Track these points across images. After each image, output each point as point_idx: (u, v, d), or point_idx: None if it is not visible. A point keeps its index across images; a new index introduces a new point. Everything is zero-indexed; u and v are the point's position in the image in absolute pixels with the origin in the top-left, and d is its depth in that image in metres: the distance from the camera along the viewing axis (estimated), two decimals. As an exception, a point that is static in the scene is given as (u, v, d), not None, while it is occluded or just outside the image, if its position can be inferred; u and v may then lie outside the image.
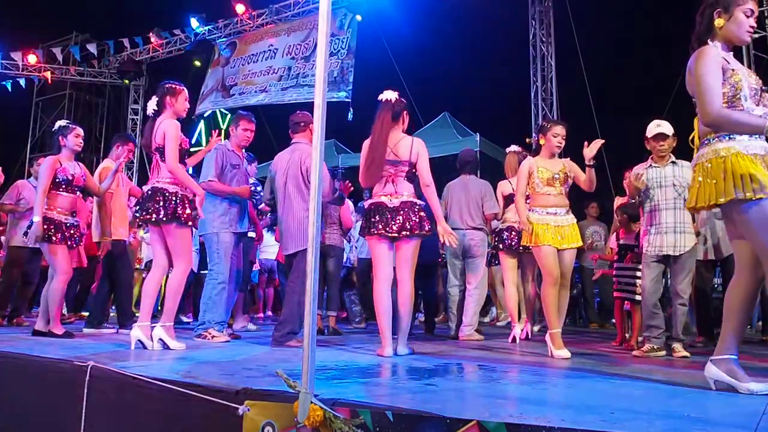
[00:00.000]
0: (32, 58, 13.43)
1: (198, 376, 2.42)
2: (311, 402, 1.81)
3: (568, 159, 4.05)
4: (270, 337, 4.22)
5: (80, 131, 4.53)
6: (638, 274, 4.46)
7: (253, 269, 7.62)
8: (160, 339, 3.64)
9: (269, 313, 8.90)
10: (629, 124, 3.96)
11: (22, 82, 13.21)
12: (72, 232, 4.41)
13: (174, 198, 3.69)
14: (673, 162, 4.10)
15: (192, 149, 4.78)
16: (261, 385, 2.13)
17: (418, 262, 3.84)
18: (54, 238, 4.28)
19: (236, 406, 1.98)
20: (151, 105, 3.84)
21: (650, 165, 4.16)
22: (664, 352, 3.92)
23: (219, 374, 2.63)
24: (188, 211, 3.71)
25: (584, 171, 3.94)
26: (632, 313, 4.69)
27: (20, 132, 15.55)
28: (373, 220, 3.68)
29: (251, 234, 5.67)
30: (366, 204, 3.87)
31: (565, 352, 3.67)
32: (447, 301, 5.55)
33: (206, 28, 12.96)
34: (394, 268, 3.78)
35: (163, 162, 3.72)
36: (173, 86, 3.87)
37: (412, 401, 1.96)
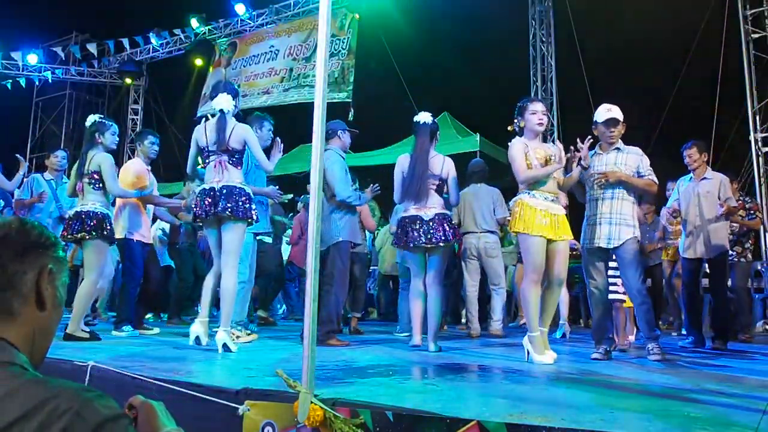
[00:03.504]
0: (32, 58, 13.42)
1: (198, 376, 2.42)
2: (311, 402, 1.81)
3: (558, 142, 3.74)
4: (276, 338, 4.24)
5: (115, 129, 4.43)
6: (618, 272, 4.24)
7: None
8: (224, 344, 3.53)
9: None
10: (629, 123, 3.85)
11: (22, 82, 13.21)
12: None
13: (243, 198, 3.69)
14: (617, 148, 3.78)
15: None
16: (261, 385, 2.13)
17: None
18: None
19: (236, 406, 1.98)
20: (227, 103, 3.77)
21: (595, 152, 3.86)
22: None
23: (219, 374, 2.63)
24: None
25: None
26: (618, 313, 4.50)
27: (20, 132, 15.56)
28: (408, 231, 4.05)
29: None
30: (401, 215, 4.19)
31: (546, 358, 3.31)
32: (465, 302, 5.86)
33: (206, 28, 12.95)
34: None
35: (231, 164, 3.72)
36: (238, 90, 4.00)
37: (412, 401, 1.96)
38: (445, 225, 4.04)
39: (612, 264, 4.34)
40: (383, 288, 8.40)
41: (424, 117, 4.25)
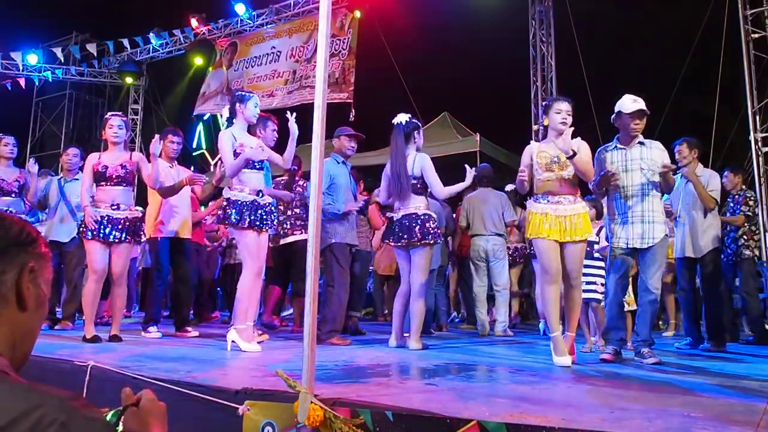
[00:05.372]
0: (32, 58, 13.41)
1: (198, 376, 2.42)
2: (311, 402, 1.81)
3: (578, 138, 3.56)
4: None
5: (113, 121, 4.32)
6: (602, 272, 4.20)
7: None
8: (233, 341, 3.69)
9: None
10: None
11: (22, 82, 13.20)
12: (109, 225, 4.10)
13: (227, 205, 3.82)
14: (640, 143, 3.66)
15: (194, 153, 4.95)
16: (261, 385, 2.14)
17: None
18: (86, 234, 4.08)
19: (236, 406, 1.98)
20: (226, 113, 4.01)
21: (615, 146, 3.72)
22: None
23: (219, 374, 2.63)
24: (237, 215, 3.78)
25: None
26: (596, 313, 4.46)
27: (20, 132, 15.49)
28: (387, 231, 4.24)
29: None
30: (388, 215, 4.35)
31: (565, 359, 3.26)
32: (474, 302, 5.95)
33: (206, 28, 12.94)
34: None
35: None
36: (243, 93, 4.06)
37: (412, 401, 1.96)
38: (414, 226, 4.05)
39: (589, 262, 4.19)
40: (379, 288, 8.41)
41: (398, 118, 4.31)
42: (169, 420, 1.16)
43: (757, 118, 8.35)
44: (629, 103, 3.65)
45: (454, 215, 6.29)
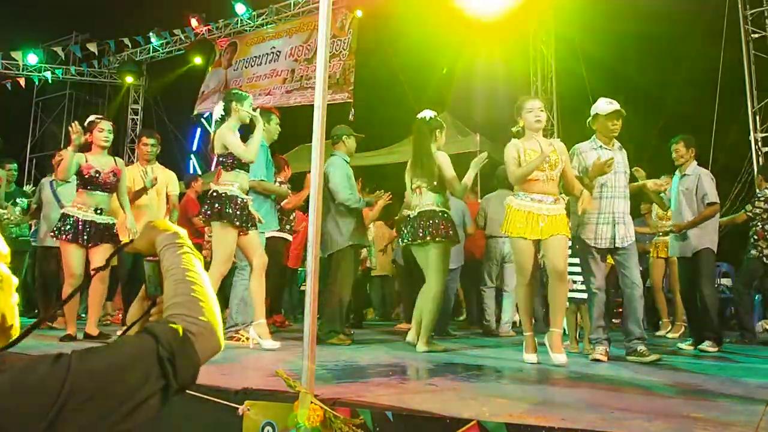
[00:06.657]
0: (32, 58, 13.40)
1: (198, 376, 2.42)
2: (311, 402, 1.81)
3: (558, 139, 3.57)
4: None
5: (104, 125, 4.32)
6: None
7: None
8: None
9: None
10: (629, 124, 3.84)
11: (22, 82, 13.19)
12: (90, 230, 4.12)
13: (219, 199, 3.80)
14: (619, 147, 3.78)
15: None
16: (261, 385, 2.13)
17: None
18: (63, 236, 4.08)
19: (236, 406, 1.98)
20: (216, 113, 4.00)
21: (600, 146, 3.74)
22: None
23: (219, 374, 2.63)
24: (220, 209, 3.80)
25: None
26: (583, 312, 4.36)
27: (20, 132, 15.52)
28: (404, 231, 4.12)
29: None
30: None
31: (531, 357, 3.37)
32: (479, 302, 5.95)
33: (206, 28, 12.94)
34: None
35: (218, 167, 3.92)
36: (240, 92, 4.07)
37: (412, 401, 1.96)
38: (421, 223, 3.90)
39: (573, 260, 4.06)
40: (377, 289, 8.41)
41: (423, 113, 4.20)
42: (169, 420, 1.16)
43: (757, 118, 8.34)
44: (605, 105, 3.74)
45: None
